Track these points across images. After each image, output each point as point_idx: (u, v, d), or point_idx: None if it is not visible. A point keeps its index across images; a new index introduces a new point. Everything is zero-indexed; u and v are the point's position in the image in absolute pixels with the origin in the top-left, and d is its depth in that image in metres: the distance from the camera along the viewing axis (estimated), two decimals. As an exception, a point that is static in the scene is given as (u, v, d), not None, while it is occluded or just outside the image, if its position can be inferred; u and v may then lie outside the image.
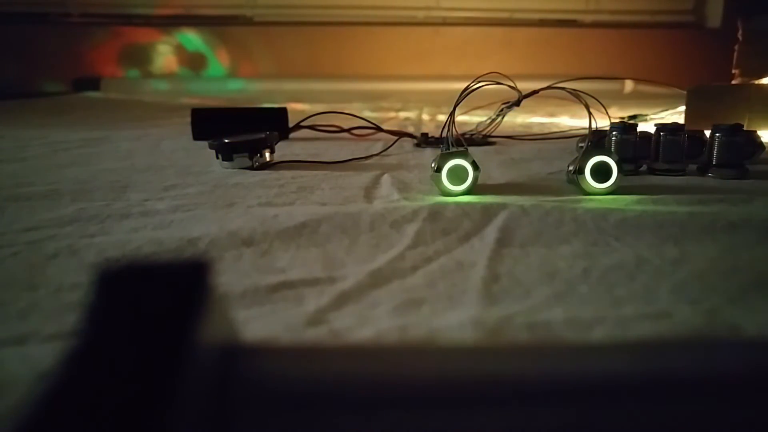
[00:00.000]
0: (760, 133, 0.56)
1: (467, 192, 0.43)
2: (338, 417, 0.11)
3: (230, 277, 0.28)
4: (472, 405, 0.12)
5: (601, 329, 0.22)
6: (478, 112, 0.68)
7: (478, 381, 0.12)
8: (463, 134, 0.59)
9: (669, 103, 1.17)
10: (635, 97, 1.60)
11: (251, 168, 0.55)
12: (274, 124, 0.75)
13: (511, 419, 0.11)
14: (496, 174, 0.53)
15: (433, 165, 0.44)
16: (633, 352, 0.13)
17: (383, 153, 0.66)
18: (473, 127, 0.73)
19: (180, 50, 2.08)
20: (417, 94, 1.66)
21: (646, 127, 0.56)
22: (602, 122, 0.50)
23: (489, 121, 0.69)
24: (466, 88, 0.47)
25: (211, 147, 0.57)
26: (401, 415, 0.11)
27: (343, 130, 0.81)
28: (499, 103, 0.60)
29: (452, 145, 0.46)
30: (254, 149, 0.56)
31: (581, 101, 0.45)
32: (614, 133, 0.53)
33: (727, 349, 0.13)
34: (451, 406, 0.12)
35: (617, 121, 0.55)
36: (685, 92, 0.88)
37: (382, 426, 0.11)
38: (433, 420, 0.11)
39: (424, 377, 0.12)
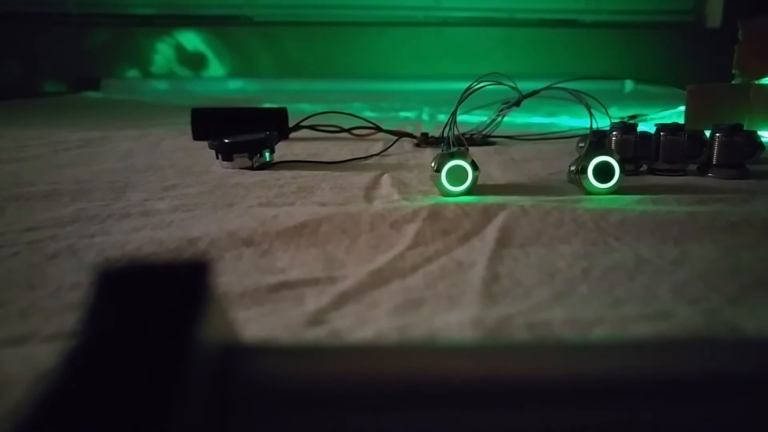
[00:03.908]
0: (760, 133, 0.56)
1: (467, 192, 0.43)
2: (338, 417, 0.11)
3: (230, 277, 0.28)
4: (472, 405, 0.12)
5: (601, 329, 0.22)
6: (478, 112, 0.68)
7: (478, 381, 0.12)
8: (463, 134, 0.59)
9: (669, 103, 1.17)
10: (635, 97, 1.61)
11: (251, 168, 0.55)
12: (274, 124, 0.75)
13: (511, 419, 0.11)
14: (496, 174, 0.53)
15: (432, 165, 0.44)
16: (633, 352, 0.13)
17: (383, 153, 0.66)
18: (473, 127, 0.73)
19: (180, 50, 2.08)
20: (417, 94, 1.65)
21: (646, 127, 0.56)
22: (602, 122, 0.50)
23: (489, 121, 0.69)
24: (468, 88, 0.47)
25: (211, 147, 0.57)
26: (401, 416, 0.11)
27: (343, 130, 0.81)
28: (499, 104, 0.60)
29: (452, 145, 0.46)
30: (254, 149, 0.56)
31: (581, 101, 0.45)
32: (614, 133, 0.53)
33: (727, 349, 0.13)
34: (451, 407, 0.12)
35: (617, 121, 0.55)
36: (685, 92, 0.88)
37: (382, 426, 0.11)
38: (434, 420, 0.11)
39: (424, 377, 0.12)
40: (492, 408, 0.12)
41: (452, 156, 0.43)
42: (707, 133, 0.53)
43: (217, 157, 0.57)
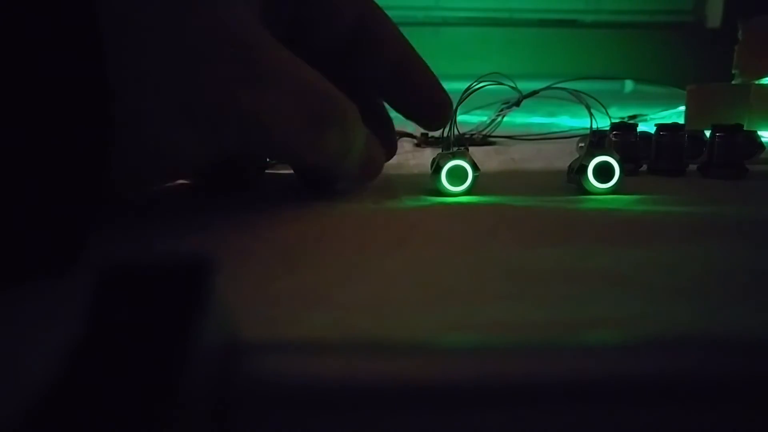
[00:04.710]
0: (760, 133, 0.56)
1: (467, 192, 0.43)
2: (339, 417, 0.11)
3: (231, 277, 0.28)
4: (474, 405, 0.12)
5: (601, 329, 0.22)
6: (478, 112, 0.68)
7: (479, 381, 0.12)
8: (463, 134, 0.59)
9: (669, 103, 1.17)
10: (635, 97, 1.60)
11: (251, 168, 0.55)
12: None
13: (511, 419, 0.11)
14: (496, 174, 0.53)
15: (432, 165, 0.44)
16: (633, 352, 0.13)
17: (383, 153, 0.65)
18: (473, 127, 0.73)
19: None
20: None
21: (646, 127, 0.56)
22: (602, 122, 0.50)
23: (489, 121, 0.70)
24: (468, 88, 0.47)
25: (211, 147, 0.57)
26: (403, 416, 0.11)
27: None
28: (499, 104, 0.60)
29: (452, 145, 0.46)
30: (254, 149, 0.56)
31: (581, 101, 0.45)
32: (614, 133, 0.53)
33: (727, 349, 0.13)
34: (453, 407, 0.12)
35: (617, 121, 0.55)
36: (685, 92, 0.88)
37: (383, 426, 0.11)
38: (435, 420, 0.11)
39: (426, 377, 0.12)
40: (492, 408, 0.12)
41: (452, 156, 0.43)
42: (707, 133, 0.53)
43: (217, 157, 0.57)
